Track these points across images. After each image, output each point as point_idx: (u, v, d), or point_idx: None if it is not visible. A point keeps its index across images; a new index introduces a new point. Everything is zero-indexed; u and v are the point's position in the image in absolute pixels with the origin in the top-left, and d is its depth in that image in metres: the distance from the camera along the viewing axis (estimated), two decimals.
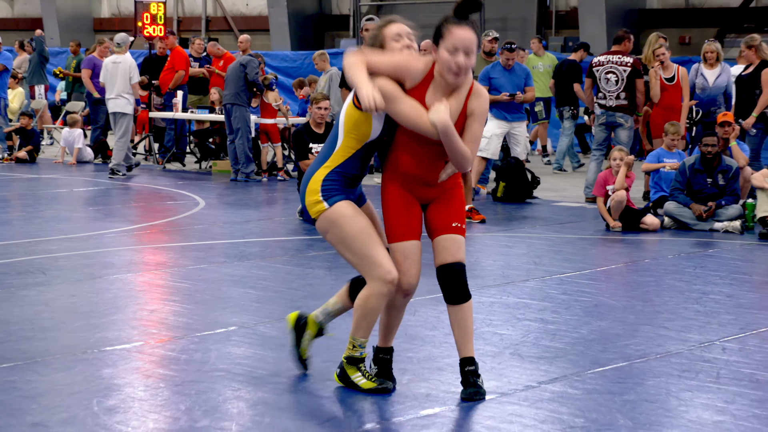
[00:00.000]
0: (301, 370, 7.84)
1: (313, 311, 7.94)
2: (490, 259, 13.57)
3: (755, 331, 9.73)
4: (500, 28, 30.90)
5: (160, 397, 7.48)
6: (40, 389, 7.61)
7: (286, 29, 36.98)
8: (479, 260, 13.46)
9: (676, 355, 8.80)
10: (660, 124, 18.41)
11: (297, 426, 6.83)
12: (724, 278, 12.47)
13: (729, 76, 19.52)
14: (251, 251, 13.64)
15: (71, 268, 12.34)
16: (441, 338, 9.07)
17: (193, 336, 9.14)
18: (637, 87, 18.04)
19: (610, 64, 18.24)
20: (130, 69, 22.58)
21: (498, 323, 9.56)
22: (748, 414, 7.30)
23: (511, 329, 8.95)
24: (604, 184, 15.74)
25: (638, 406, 7.37)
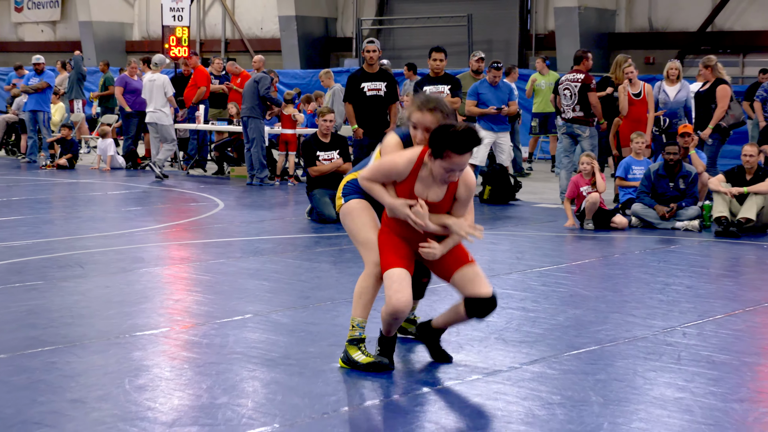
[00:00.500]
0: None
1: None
2: (477, 254, 13.46)
3: (712, 318, 9.72)
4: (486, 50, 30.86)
5: (184, 377, 7.47)
6: (78, 369, 7.60)
7: (296, 50, 36.98)
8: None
9: (642, 339, 8.79)
10: (628, 134, 18.44)
11: (305, 403, 6.82)
12: (685, 271, 12.46)
13: (688, 92, 19.58)
14: (265, 247, 13.62)
15: (106, 262, 12.34)
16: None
17: (214, 323, 9.13)
18: (590, 100, 18.06)
19: (566, 81, 18.32)
20: (164, 85, 22.99)
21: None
22: (706, 391, 7.29)
23: (496, 317, 8.93)
24: (577, 187, 15.75)
25: (608, 384, 7.36)
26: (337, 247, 13.72)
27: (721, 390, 7.35)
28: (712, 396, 7.19)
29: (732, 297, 11.00)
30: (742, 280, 12.51)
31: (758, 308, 10.37)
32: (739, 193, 15.54)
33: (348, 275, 11.74)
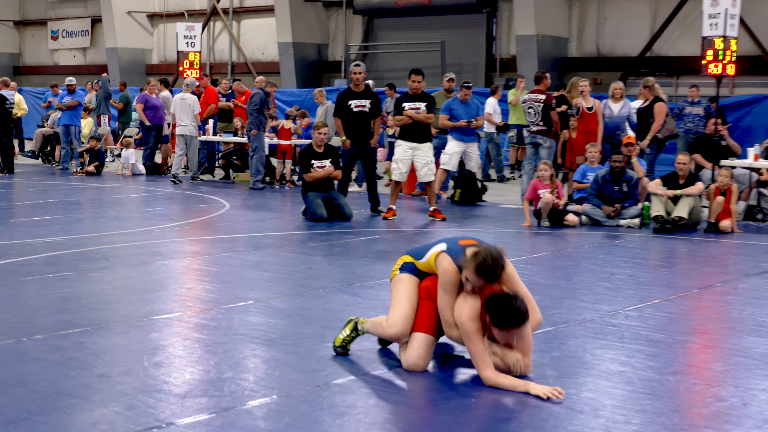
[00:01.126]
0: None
1: None
2: None
3: (650, 302, 9.74)
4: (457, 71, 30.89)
5: (194, 355, 7.45)
6: (104, 348, 7.59)
7: (293, 72, 37.01)
8: None
9: (591, 321, 8.79)
10: (582, 143, 18.52)
11: (300, 377, 6.81)
12: (627, 262, 12.48)
13: (630, 108, 19.64)
14: (265, 242, 13.61)
15: (128, 255, 12.31)
16: None
17: (220, 308, 9.12)
18: (552, 117, 18.12)
19: (530, 101, 18.35)
20: (193, 104, 23.10)
21: None
22: (644, 365, 7.30)
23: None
24: (535, 190, 15.78)
25: (562, 360, 7.37)
26: (328, 242, 13.71)
27: (658, 364, 7.37)
28: (650, 369, 7.21)
29: (667, 284, 11.02)
30: (676, 269, 12.54)
31: (689, 294, 10.40)
32: (674, 195, 15.59)
33: (337, 266, 11.74)
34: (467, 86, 19.22)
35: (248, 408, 6.14)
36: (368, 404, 6.27)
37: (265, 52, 40.03)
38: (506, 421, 6.01)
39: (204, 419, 5.91)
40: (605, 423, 5.97)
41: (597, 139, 18.60)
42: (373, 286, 10.29)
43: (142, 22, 43.57)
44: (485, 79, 33.50)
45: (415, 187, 20.22)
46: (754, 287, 10.79)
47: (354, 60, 25.29)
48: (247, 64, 40.05)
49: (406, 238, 14.43)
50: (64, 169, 25.93)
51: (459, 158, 19.14)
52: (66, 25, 46.88)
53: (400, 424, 5.94)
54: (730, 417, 6.14)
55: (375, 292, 9.99)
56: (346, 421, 5.91)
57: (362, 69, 17.44)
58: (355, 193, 20.04)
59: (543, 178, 15.74)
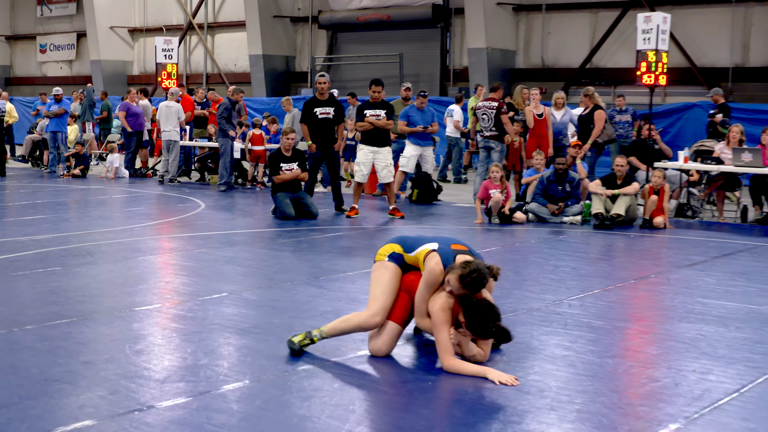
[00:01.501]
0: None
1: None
2: None
3: (591, 292, 9.78)
4: (414, 81, 31.06)
5: (173, 344, 7.42)
6: (89, 338, 7.55)
7: (263, 82, 36.91)
8: None
9: (537, 310, 8.82)
10: (533, 147, 18.69)
11: (270, 363, 6.80)
12: (570, 256, 12.52)
13: (571, 115, 19.83)
14: (238, 239, 13.57)
15: (111, 252, 12.24)
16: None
17: (197, 300, 9.08)
18: (503, 121, 18.16)
19: (484, 108, 18.37)
20: (177, 111, 23.17)
21: None
22: (586, 350, 7.33)
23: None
24: (486, 190, 15.81)
25: (511, 346, 7.37)
26: (296, 239, 13.68)
27: (598, 349, 7.40)
28: (591, 353, 7.24)
29: (606, 276, 11.07)
30: (614, 262, 12.60)
31: (626, 284, 10.45)
32: (612, 194, 15.67)
33: (304, 261, 11.71)
34: (423, 95, 19.27)
35: (223, 392, 6.12)
36: (333, 387, 6.26)
37: (237, 63, 39.90)
38: (459, 401, 6.02)
39: (182, 402, 5.88)
40: (550, 403, 5.99)
41: (548, 143, 18.73)
42: (337, 279, 10.27)
43: (123, 36, 43.34)
44: (440, 89, 33.56)
45: (376, 188, 20.21)
46: (684, 278, 10.85)
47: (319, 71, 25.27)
48: (221, 74, 39.93)
49: (367, 235, 14.43)
50: (51, 172, 25.78)
51: (416, 161, 19.16)
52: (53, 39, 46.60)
53: (362, 406, 5.94)
54: (663, 396, 6.17)
55: (339, 284, 9.98)
56: (313, 404, 5.90)
57: (327, 79, 17.45)
58: (321, 193, 20.01)
59: (494, 179, 15.78)
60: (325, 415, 5.68)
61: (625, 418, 5.72)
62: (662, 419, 5.70)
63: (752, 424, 5.64)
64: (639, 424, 5.62)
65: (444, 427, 5.52)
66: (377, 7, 35.00)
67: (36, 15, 47.26)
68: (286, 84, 37.88)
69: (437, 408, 5.96)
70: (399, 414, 5.79)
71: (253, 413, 5.72)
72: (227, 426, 5.47)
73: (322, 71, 22.44)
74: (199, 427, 5.43)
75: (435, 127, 19.26)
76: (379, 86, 16.92)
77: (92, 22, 42.32)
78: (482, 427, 5.51)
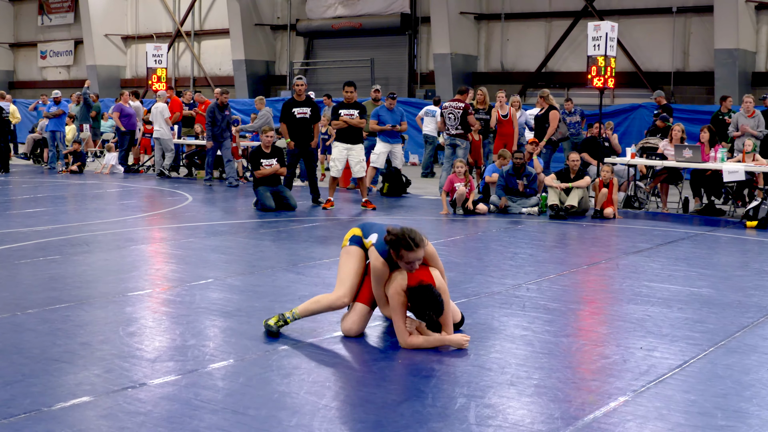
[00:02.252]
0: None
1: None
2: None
3: (547, 277, 9.79)
4: (384, 84, 31.05)
5: (163, 326, 7.38)
6: (86, 320, 7.49)
7: (245, 85, 36.84)
8: None
9: (498, 293, 8.82)
10: (500, 145, 18.76)
11: (252, 344, 6.77)
12: (528, 243, 12.54)
13: (526, 117, 19.92)
14: (222, 230, 13.50)
15: (105, 241, 12.16)
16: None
17: (184, 285, 9.03)
18: (469, 121, 18.15)
19: (450, 108, 18.35)
20: (162, 110, 23.10)
21: None
22: (543, 330, 7.34)
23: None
24: (452, 183, 15.81)
25: (473, 327, 7.37)
26: (275, 229, 13.63)
27: (554, 329, 7.41)
28: (547, 333, 7.24)
29: (561, 262, 11.08)
30: (568, 249, 12.62)
31: (579, 270, 10.47)
32: (566, 187, 15.71)
33: (284, 249, 11.67)
34: (392, 96, 19.31)
35: (209, 370, 6.09)
36: (311, 366, 6.24)
37: (221, 68, 39.78)
38: (427, 377, 6.01)
39: (171, 380, 5.85)
40: (510, 378, 5.99)
41: (513, 141, 18.77)
42: (314, 266, 10.24)
43: (117, 43, 43.13)
44: (408, 91, 33.60)
45: (349, 182, 20.18)
46: (632, 263, 10.88)
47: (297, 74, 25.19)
48: (207, 78, 39.81)
49: (342, 225, 14.39)
50: (51, 169, 25.64)
51: (386, 157, 19.17)
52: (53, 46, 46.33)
53: (337, 382, 5.92)
54: (613, 371, 6.18)
55: (316, 270, 9.95)
56: (292, 380, 5.87)
57: (304, 82, 17.43)
58: (299, 187, 19.96)
59: (458, 173, 15.76)
60: (304, 391, 5.66)
61: (579, 392, 5.73)
62: (612, 392, 5.70)
63: (693, 396, 5.66)
64: (591, 397, 5.62)
65: (412, 401, 5.50)
66: (350, 16, 35.01)
67: (37, 24, 47.00)
68: (267, 86, 37.81)
69: (406, 384, 5.95)
70: (371, 389, 5.77)
71: (237, 389, 5.69)
72: (213, 401, 5.44)
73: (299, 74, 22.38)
74: (187, 403, 5.40)
75: (404, 126, 19.27)
76: (351, 87, 16.96)
77: (88, 31, 42.13)
78: (447, 402, 5.49)
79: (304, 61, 36.91)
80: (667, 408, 5.43)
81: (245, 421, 5.10)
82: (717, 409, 5.43)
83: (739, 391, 5.81)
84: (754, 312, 8.17)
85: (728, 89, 25.44)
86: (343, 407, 5.38)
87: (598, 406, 5.45)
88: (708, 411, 5.39)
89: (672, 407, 5.44)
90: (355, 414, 5.28)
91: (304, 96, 17.42)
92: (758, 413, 5.37)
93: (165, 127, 22.99)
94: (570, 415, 5.28)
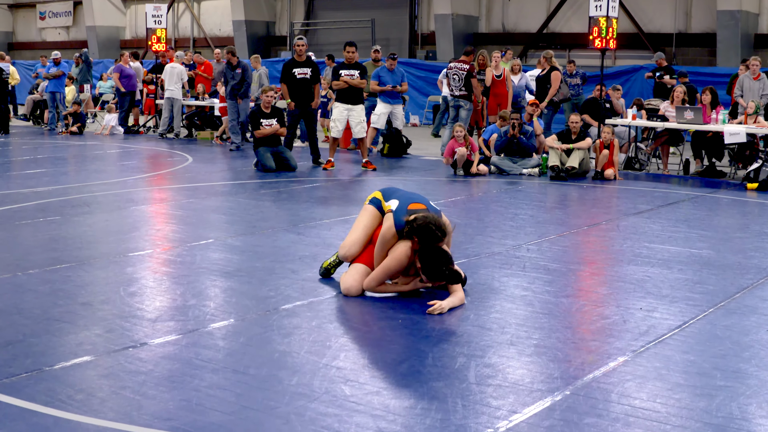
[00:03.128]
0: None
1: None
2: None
3: (547, 238, 9.79)
4: (384, 45, 30.84)
5: (163, 286, 7.39)
6: (87, 281, 7.50)
7: (245, 46, 36.63)
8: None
9: (498, 254, 8.82)
10: (494, 105, 18.68)
11: (253, 304, 6.78)
12: (528, 204, 12.54)
13: (527, 80, 19.84)
14: (223, 190, 13.50)
15: (106, 202, 12.16)
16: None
17: (185, 246, 9.04)
18: (473, 83, 18.09)
19: (455, 69, 18.27)
20: (180, 73, 23.12)
21: None
22: (543, 290, 7.35)
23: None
24: (452, 149, 15.77)
25: (474, 287, 7.38)
26: (276, 189, 13.62)
27: (554, 289, 7.42)
28: (547, 293, 7.26)
29: (561, 223, 11.09)
30: (569, 210, 12.62)
31: (579, 231, 10.47)
32: (567, 148, 15.68)
33: (284, 210, 11.67)
34: (393, 57, 19.22)
35: (209, 330, 6.10)
36: (311, 325, 6.25)
37: (221, 28, 39.57)
38: (427, 338, 6.02)
39: (172, 339, 5.86)
40: (510, 338, 6.00)
41: (507, 101, 18.70)
42: (314, 227, 10.24)
43: (116, 3, 42.88)
44: (408, 52, 33.44)
45: (350, 143, 20.13)
46: (632, 225, 10.88)
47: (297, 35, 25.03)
48: (206, 39, 39.61)
49: (342, 186, 14.39)
50: (51, 130, 25.58)
51: (386, 118, 19.13)
52: (52, 7, 46.08)
53: (338, 342, 5.93)
54: (613, 332, 6.20)
55: (316, 231, 9.95)
56: (292, 340, 5.89)
57: (304, 42, 17.35)
58: (299, 147, 19.91)
59: (458, 137, 15.70)
60: (304, 350, 5.68)
61: (578, 352, 5.75)
62: (612, 353, 5.72)
63: (692, 357, 5.67)
64: (591, 357, 5.64)
65: (413, 360, 5.52)
66: None
67: None
68: (267, 47, 37.63)
69: (406, 344, 5.96)
70: (371, 349, 5.79)
71: (238, 349, 5.71)
72: (214, 360, 5.45)
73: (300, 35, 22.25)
74: (188, 362, 5.42)
75: (404, 87, 19.21)
76: (352, 47, 16.91)
77: None
78: (448, 361, 5.51)
79: (304, 21, 36.73)
80: (666, 368, 5.44)
81: (246, 381, 5.12)
82: (716, 369, 5.44)
83: (738, 351, 5.82)
84: (754, 273, 8.17)
85: (730, 51, 25.33)
86: (343, 367, 5.40)
87: (598, 366, 5.46)
88: (707, 371, 5.40)
89: (671, 367, 5.46)
90: (356, 374, 5.29)
91: (305, 56, 17.35)
92: (757, 374, 5.39)
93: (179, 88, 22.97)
94: (569, 375, 5.30)
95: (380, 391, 4.99)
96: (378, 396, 4.91)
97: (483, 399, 4.89)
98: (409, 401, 4.85)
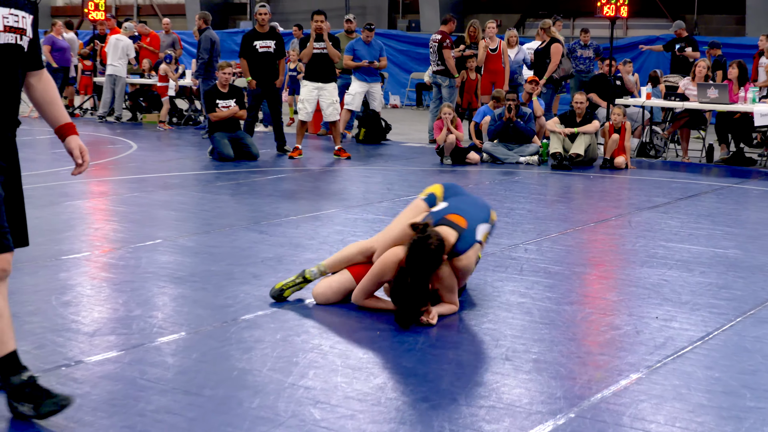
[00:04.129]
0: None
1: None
2: (354, 186, 13.55)
3: (547, 236, 9.82)
4: (360, 14, 30.88)
5: (103, 294, 7.37)
6: (12, 289, 7.38)
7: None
8: (346, 187, 13.48)
9: (491, 254, 8.83)
10: (487, 84, 18.70)
11: (208, 314, 6.77)
12: (526, 198, 12.57)
13: (525, 53, 19.88)
14: (173, 182, 13.49)
15: (37, 196, 12.08)
16: (316, 246, 9.04)
17: (128, 247, 9.02)
18: (444, 55, 18.16)
19: (431, 41, 18.37)
20: (127, 47, 23.01)
21: (360, 234, 9.52)
22: (543, 296, 7.37)
23: (370, 237, 8.92)
24: (440, 131, 15.79)
25: (465, 292, 7.38)
26: (235, 181, 13.62)
27: (556, 295, 7.45)
28: (548, 300, 7.28)
29: (564, 218, 11.12)
30: (572, 204, 12.66)
31: (585, 228, 10.51)
32: (571, 132, 15.72)
33: (244, 205, 11.67)
34: (369, 28, 19.17)
35: (157, 345, 6.09)
36: (275, 338, 6.24)
37: None
38: (409, 351, 6.02)
39: (113, 356, 5.85)
40: (505, 352, 6.01)
41: (504, 79, 18.72)
42: (279, 224, 10.24)
43: None
44: (388, 21, 33.43)
45: (320, 127, 20.13)
46: (646, 220, 10.93)
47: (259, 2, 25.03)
48: (153, 6, 39.56)
49: (312, 177, 14.40)
50: None
51: (362, 98, 19.12)
52: None
53: (306, 357, 5.92)
54: (624, 344, 6.22)
55: (282, 229, 9.95)
56: (254, 356, 5.88)
57: (267, 10, 17.33)
58: (262, 132, 19.90)
59: (446, 120, 15.71)
60: (267, 367, 5.67)
61: (584, 368, 5.76)
62: (623, 369, 5.74)
63: (717, 373, 5.69)
64: (598, 373, 5.65)
65: (392, 379, 5.52)
66: None
67: None
68: (224, 16, 37.59)
69: (385, 359, 5.96)
70: (344, 367, 5.78)
71: (190, 366, 5.70)
72: (162, 380, 5.44)
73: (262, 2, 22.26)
74: (132, 382, 5.40)
75: (383, 63, 19.19)
76: (320, 15, 16.82)
77: None
78: (433, 378, 5.52)
79: None
80: (687, 387, 5.46)
81: (199, 403, 5.11)
82: (744, 387, 5.47)
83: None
84: None
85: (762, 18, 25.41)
86: (312, 386, 5.40)
87: (607, 384, 5.48)
88: (734, 390, 5.43)
89: (692, 386, 5.48)
90: (327, 395, 5.29)
91: (268, 27, 17.32)
92: None
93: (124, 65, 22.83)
94: (574, 394, 5.32)
95: (355, 415, 4.99)
96: (352, 420, 4.91)
97: (474, 423, 4.90)
98: (388, 426, 4.85)
